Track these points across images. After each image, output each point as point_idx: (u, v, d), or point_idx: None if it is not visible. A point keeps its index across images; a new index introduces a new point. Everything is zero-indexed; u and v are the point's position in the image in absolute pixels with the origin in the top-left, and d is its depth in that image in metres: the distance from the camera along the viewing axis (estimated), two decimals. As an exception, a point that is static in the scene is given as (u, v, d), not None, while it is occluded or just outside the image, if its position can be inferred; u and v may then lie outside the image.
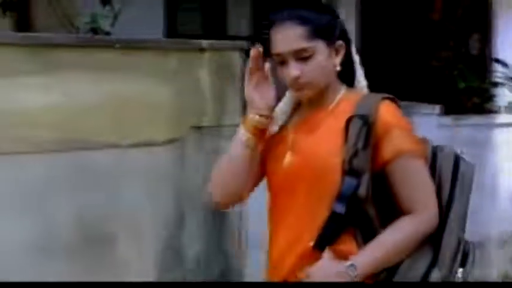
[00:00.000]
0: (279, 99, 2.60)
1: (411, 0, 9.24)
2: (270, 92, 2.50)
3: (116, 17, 5.99)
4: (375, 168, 2.40)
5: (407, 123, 2.44)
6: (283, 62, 2.47)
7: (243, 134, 2.51)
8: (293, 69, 2.45)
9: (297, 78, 2.45)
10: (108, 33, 5.71)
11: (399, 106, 2.47)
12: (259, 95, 2.49)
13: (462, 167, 2.53)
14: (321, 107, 2.53)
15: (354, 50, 2.59)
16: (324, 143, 2.43)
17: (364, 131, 2.37)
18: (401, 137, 2.40)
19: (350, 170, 2.35)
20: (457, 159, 2.54)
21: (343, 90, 2.54)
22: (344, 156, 2.37)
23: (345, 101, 2.50)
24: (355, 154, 2.35)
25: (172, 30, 7.97)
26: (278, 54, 2.46)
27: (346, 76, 2.57)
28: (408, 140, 2.42)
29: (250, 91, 2.50)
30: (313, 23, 2.44)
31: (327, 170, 2.39)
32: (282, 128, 2.60)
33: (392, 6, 9.32)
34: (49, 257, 4.41)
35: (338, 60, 2.50)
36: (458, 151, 2.56)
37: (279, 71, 2.49)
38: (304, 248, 2.42)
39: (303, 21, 2.43)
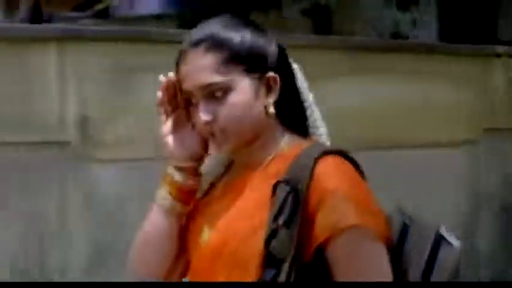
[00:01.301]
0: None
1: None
2: (192, 137, 1.78)
3: (414, 22, 6.25)
4: (310, 251, 1.66)
5: (357, 187, 1.68)
6: (191, 104, 1.77)
7: (163, 196, 1.81)
8: (201, 112, 1.72)
9: (207, 124, 1.72)
10: (407, 38, 5.99)
11: (353, 162, 1.73)
12: (178, 139, 1.79)
13: (443, 252, 1.72)
14: (252, 164, 1.78)
15: (304, 84, 1.84)
16: (247, 217, 1.72)
17: (290, 202, 1.64)
18: (341, 208, 1.64)
19: (267, 256, 1.66)
20: (437, 241, 1.72)
21: (284, 141, 1.78)
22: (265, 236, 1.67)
23: (283, 157, 1.75)
24: (273, 234, 1.64)
25: (445, 33, 7.91)
26: (186, 92, 1.75)
27: (295, 121, 1.82)
28: (351, 211, 1.64)
29: (164, 134, 1.80)
30: (230, 48, 1.71)
31: (246, 255, 1.70)
32: (209, 190, 1.88)
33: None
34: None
35: (271, 99, 1.75)
36: (443, 228, 1.74)
37: (192, 115, 1.79)
38: None
39: (215, 45, 1.71)
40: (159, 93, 1.79)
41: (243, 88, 1.73)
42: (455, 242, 1.69)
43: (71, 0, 6.02)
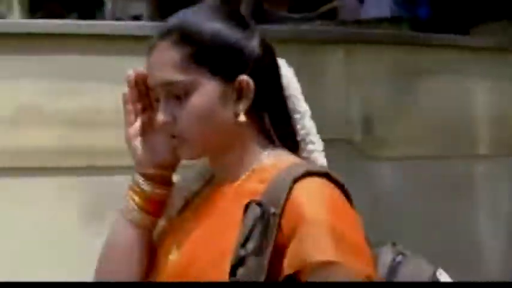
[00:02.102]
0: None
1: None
2: (163, 142, 1.58)
3: None
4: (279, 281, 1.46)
5: (339, 216, 1.45)
6: (158, 100, 1.58)
7: (129, 207, 1.61)
8: (160, 112, 1.54)
9: (165, 125, 1.54)
10: None
11: (340, 186, 1.50)
12: (146, 144, 1.60)
13: None
14: (227, 179, 1.57)
15: (295, 92, 1.61)
16: (216, 239, 1.52)
17: (260, 227, 1.45)
18: (316, 239, 1.42)
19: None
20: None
21: (265, 156, 1.56)
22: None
23: (262, 174, 1.53)
24: (240, 261, 1.45)
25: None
26: (150, 88, 1.58)
27: (281, 134, 1.59)
28: (327, 244, 1.41)
29: (131, 136, 1.60)
30: (197, 44, 1.52)
31: (213, 281, 1.50)
32: (185, 206, 1.65)
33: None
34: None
35: (242, 105, 1.53)
36: (440, 271, 1.54)
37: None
38: None
39: (182, 39, 1.52)
40: (127, 90, 1.59)
41: (207, 91, 1.52)
42: None
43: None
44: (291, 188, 1.45)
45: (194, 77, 1.50)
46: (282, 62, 1.60)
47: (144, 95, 1.59)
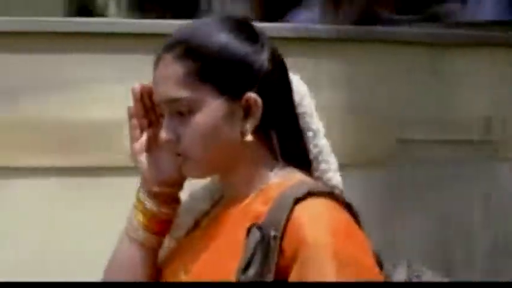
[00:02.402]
0: None
1: None
2: (166, 158, 1.51)
3: None
4: None
5: (344, 238, 1.39)
6: (163, 116, 1.52)
7: (134, 227, 1.55)
8: (163, 129, 1.48)
9: (168, 143, 1.48)
10: None
11: (347, 206, 1.45)
12: (152, 160, 1.53)
13: None
14: (234, 200, 1.51)
15: (309, 109, 1.54)
16: (221, 263, 1.46)
17: (261, 252, 1.39)
18: (319, 263, 1.36)
19: None
20: None
21: (273, 175, 1.49)
22: None
23: (268, 195, 1.47)
24: None
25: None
26: (156, 103, 1.52)
27: (291, 153, 1.51)
28: (331, 269, 1.36)
29: (136, 151, 1.54)
30: (203, 59, 1.45)
31: None
32: (194, 227, 1.58)
33: None
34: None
35: (249, 124, 1.46)
36: None
37: None
38: None
39: (187, 53, 1.45)
40: (132, 104, 1.52)
41: (212, 109, 1.45)
42: None
43: (392, 1, 6.06)
44: (292, 209, 1.39)
45: (198, 94, 1.44)
46: (295, 78, 1.52)
47: (150, 109, 1.52)
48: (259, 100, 1.44)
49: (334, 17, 6.36)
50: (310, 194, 1.40)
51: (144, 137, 1.52)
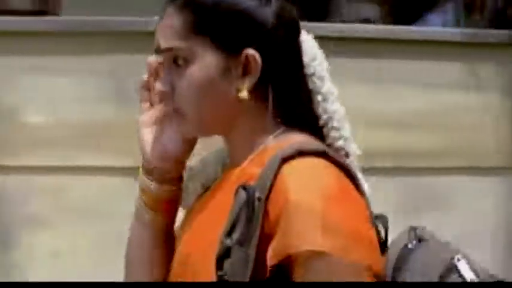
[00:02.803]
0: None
1: None
2: (169, 136, 1.47)
3: None
4: (265, 273, 1.33)
5: (334, 200, 1.31)
6: None
7: (140, 206, 1.51)
8: (159, 81, 1.44)
9: (162, 95, 1.45)
10: None
11: (342, 167, 1.37)
12: (156, 136, 1.48)
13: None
14: (234, 162, 1.46)
15: (321, 72, 1.45)
16: (211, 228, 1.40)
17: (245, 214, 1.32)
18: (303, 225, 1.29)
19: (219, 279, 1.33)
20: (446, 271, 1.32)
21: (272, 138, 1.42)
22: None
23: (262, 156, 1.40)
24: (226, 253, 1.32)
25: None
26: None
27: (295, 116, 1.44)
28: (316, 232, 1.28)
29: (143, 123, 1.49)
30: (199, 11, 1.41)
31: (203, 274, 1.39)
32: (203, 193, 1.52)
33: None
34: None
35: (246, 82, 1.40)
36: (455, 256, 1.33)
37: None
38: None
39: (186, 4, 1.42)
40: (145, 75, 1.48)
41: (207, 62, 1.40)
42: (470, 277, 1.30)
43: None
44: (278, 169, 1.33)
45: (193, 45, 1.40)
46: (306, 37, 1.45)
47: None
48: (257, 57, 1.39)
49: (469, 20, 6.20)
50: (299, 153, 1.34)
51: (153, 111, 1.47)
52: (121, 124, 4.09)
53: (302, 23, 1.45)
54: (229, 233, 1.31)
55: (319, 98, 1.42)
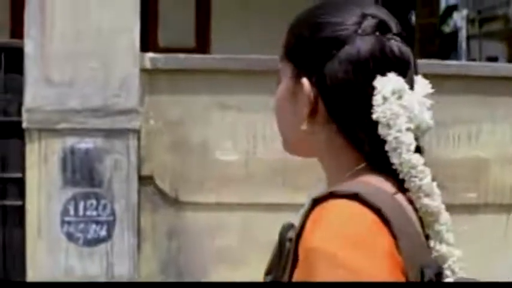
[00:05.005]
0: None
1: None
2: None
3: None
4: None
5: (357, 247, 1.25)
6: None
7: None
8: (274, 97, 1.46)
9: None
10: None
11: (373, 209, 1.28)
12: None
13: None
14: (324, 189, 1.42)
15: (386, 121, 1.33)
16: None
17: (277, 252, 1.34)
18: (323, 272, 1.24)
19: None
20: None
21: (347, 175, 1.36)
22: None
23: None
24: None
25: None
26: None
27: (368, 152, 1.36)
28: (337, 279, 1.23)
29: None
30: (292, 36, 1.41)
31: None
32: None
33: None
34: None
35: (305, 108, 1.36)
36: None
37: None
38: None
39: (289, 29, 1.43)
40: None
41: (283, 86, 1.41)
42: None
43: None
44: (310, 210, 1.29)
45: (284, 67, 1.40)
46: (389, 79, 1.33)
47: None
48: (307, 87, 1.35)
49: None
50: (332, 195, 1.29)
51: None
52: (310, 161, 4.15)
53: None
54: (268, 271, 1.35)
55: (386, 147, 1.33)
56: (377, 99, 1.32)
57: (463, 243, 1.44)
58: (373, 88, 1.32)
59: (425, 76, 1.39)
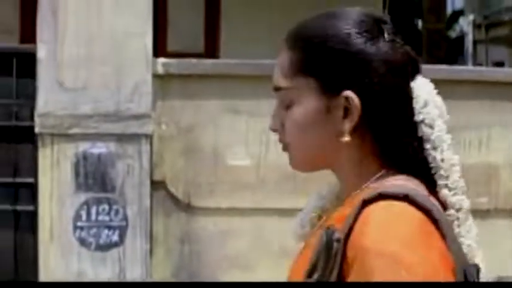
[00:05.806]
0: None
1: None
2: None
3: None
4: None
5: (410, 246, 1.26)
6: None
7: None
8: (271, 117, 1.44)
9: (274, 132, 1.45)
10: None
11: (423, 210, 1.30)
12: None
13: None
14: (341, 198, 1.44)
15: (428, 117, 1.38)
16: (302, 265, 1.37)
17: (323, 254, 1.31)
18: (377, 273, 1.24)
19: None
20: None
21: (374, 180, 1.38)
22: None
23: (358, 197, 1.35)
24: None
25: None
26: None
27: (400, 160, 1.38)
28: (394, 278, 1.24)
29: None
30: (304, 51, 1.38)
31: None
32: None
33: None
34: None
35: (347, 124, 1.35)
36: None
37: None
38: None
39: (294, 43, 1.40)
40: None
41: (309, 103, 1.37)
42: None
43: None
44: (359, 212, 1.30)
45: (298, 86, 1.37)
46: (420, 82, 1.38)
47: None
48: (356, 100, 1.34)
49: None
50: (381, 196, 1.29)
51: None
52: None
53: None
54: (310, 273, 1.32)
55: (428, 145, 1.37)
56: (419, 102, 1.37)
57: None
58: (409, 92, 1.37)
59: (436, 81, 1.43)
